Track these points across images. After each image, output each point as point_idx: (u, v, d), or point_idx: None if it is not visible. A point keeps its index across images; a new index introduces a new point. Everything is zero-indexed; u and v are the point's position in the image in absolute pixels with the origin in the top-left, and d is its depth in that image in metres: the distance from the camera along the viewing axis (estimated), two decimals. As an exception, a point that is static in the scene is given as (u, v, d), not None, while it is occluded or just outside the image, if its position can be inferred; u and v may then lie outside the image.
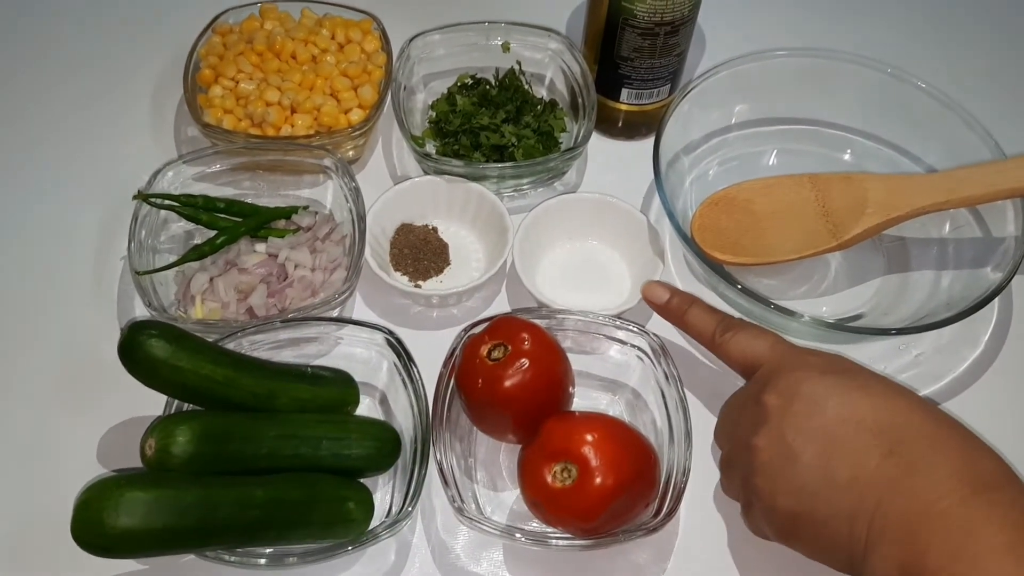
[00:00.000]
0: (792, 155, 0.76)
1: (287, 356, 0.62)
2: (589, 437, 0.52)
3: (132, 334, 0.53)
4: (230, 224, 0.68)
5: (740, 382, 0.64)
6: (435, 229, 0.72)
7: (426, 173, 0.73)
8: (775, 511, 0.48)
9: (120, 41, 0.85)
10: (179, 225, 0.70)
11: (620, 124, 0.78)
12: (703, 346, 0.59)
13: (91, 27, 0.86)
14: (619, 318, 0.62)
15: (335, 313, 0.65)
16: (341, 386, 0.60)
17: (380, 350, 0.61)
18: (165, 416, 0.54)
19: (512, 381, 0.54)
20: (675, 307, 0.60)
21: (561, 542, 0.54)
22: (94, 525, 0.47)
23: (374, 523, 0.56)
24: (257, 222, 0.68)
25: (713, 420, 0.58)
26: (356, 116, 0.73)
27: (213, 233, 0.67)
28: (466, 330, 0.60)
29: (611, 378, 0.63)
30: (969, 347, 0.69)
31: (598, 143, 0.78)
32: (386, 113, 0.74)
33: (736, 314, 0.68)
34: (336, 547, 0.53)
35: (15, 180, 0.75)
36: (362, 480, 0.57)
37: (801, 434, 0.47)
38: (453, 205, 0.72)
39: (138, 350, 0.52)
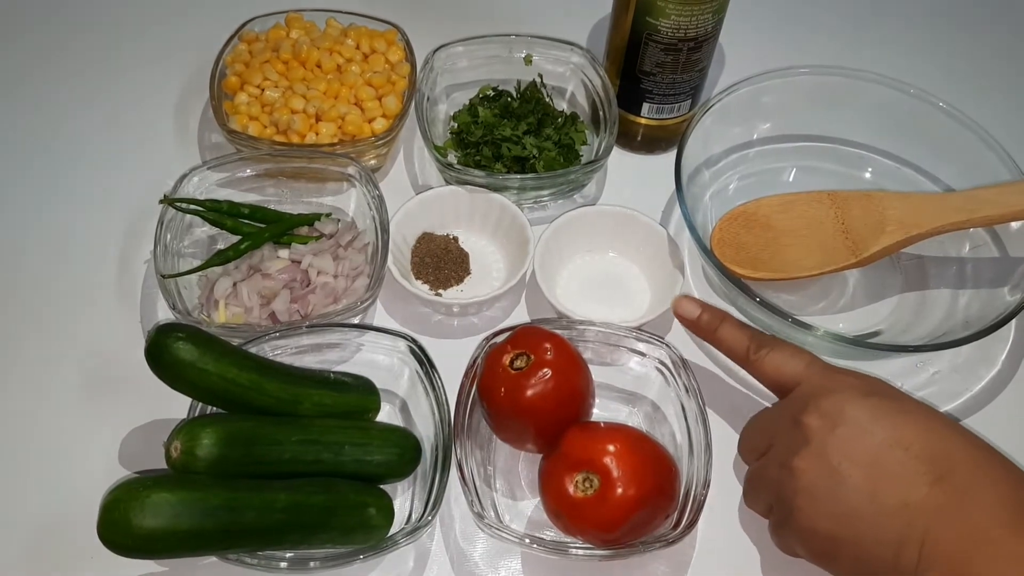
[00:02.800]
0: (811, 172, 0.76)
1: (309, 361, 0.62)
2: (611, 447, 0.53)
3: (159, 336, 0.53)
4: (254, 230, 0.68)
5: (759, 395, 0.65)
6: (456, 239, 0.72)
7: (448, 183, 0.73)
8: (816, 533, 0.48)
9: (146, 47, 0.86)
10: (203, 230, 0.70)
11: (640, 138, 0.79)
12: (735, 363, 0.59)
13: (117, 33, 0.87)
14: (639, 330, 0.62)
15: (357, 320, 0.66)
16: (363, 392, 0.61)
17: (402, 357, 0.62)
18: (191, 419, 0.54)
19: (534, 390, 0.55)
20: (706, 323, 0.60)
21: (580, 552, 0.54)
22: (121, 525, 0.47)
23: (393, 529, 0.56)
24: (280, 228, 0.69)
25: (732, 433, 0.59)
26: (380, 125, 0.74)
27: (237, 238, 0.68)
28: (488, 339, 0.60)
29: (630, 390, 0.64)
30: (986, 366, 0.69)
31: (618, 156, 0.79)
32: (408, 123, 0.75)
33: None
34: (356, 552, 0.54)
35: (40, 183, 0.76)
36: (382, 487, 0.58)
37: (847, 458, 0.47)
38: (474, 215, 0.72)
39: (165, 352, 0.53)
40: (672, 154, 0.68)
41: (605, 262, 0.72)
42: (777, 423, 0.52)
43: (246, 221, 0.69)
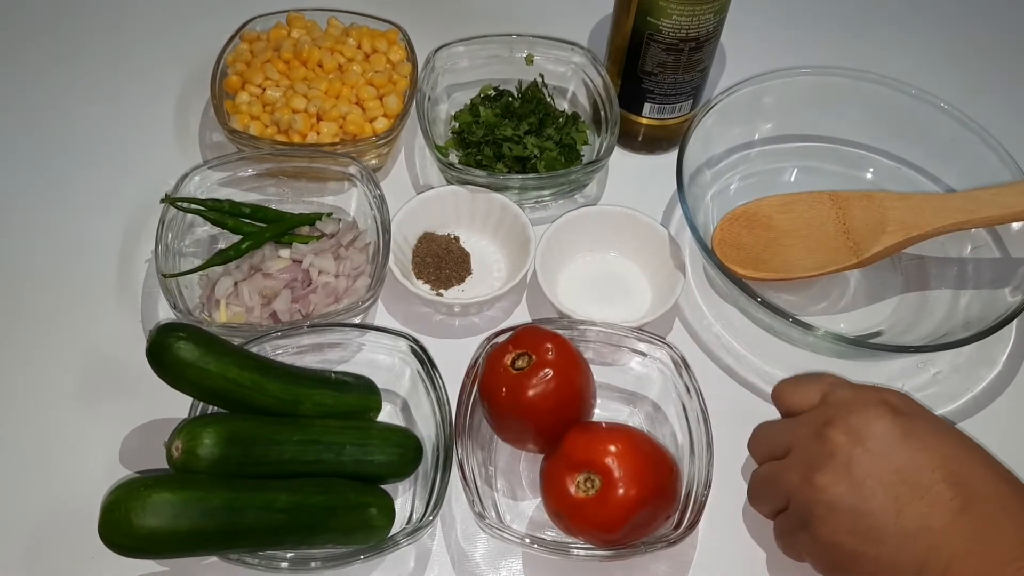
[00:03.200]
0: (812, 173, 0.76)
1: (309, 361, 0.62)
2: (612, 448, 0.53)
3: (161, 336, 0.53)
4: (255, 229, 0.68)
5: (759, 396, 0.66)
6: (457, 238, 0.72)
7: (449, 183, 0.73)
8: (836, 548, 0.48)
9: (147, 46, 0.86)
10: (204, 229, 0.70)
11: (641, 138, 0.79)
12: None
13: (119, 32, 0.87)
14: (640, 330, 0.62)
15: (358, 320, 0.66)
16: (364, 392, 0.61)
17: (403, 357, 0.62)
18: (192, 418, 0.54)
19: (536, 391, 0.55)
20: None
21: (582, 552, 0.54)
22: (122, 525, 0.47)
23: (394, 530, 0.56)
24: (281, 228, 0.68)
25: (733, 434, 0.59)
26: (381, 125, 0.74)
27: (238, 238, 0.68)
28: (489, 339, 0.60)
29: (631, 390, 0.64)
30: (987, 367, 0.69)
31: (619, 156, 0.78)
32: (409, 122, 0.75)
33: (756, 328, 0.69)
34: (357, 552, 0.54)
35: (41, 182, 0.76)
36: (383, 487, 0.58)
37: (872, 476, 0.47)
38: (475, 215, 0.72)
39: (166, 352, 0.53)
40: (673, 154, 0.68)
41: (606, 262, 0.72)
42: (798, 431, 0.51)
43: (247, 220, 0.69)
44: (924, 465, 0.47)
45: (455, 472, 0.56)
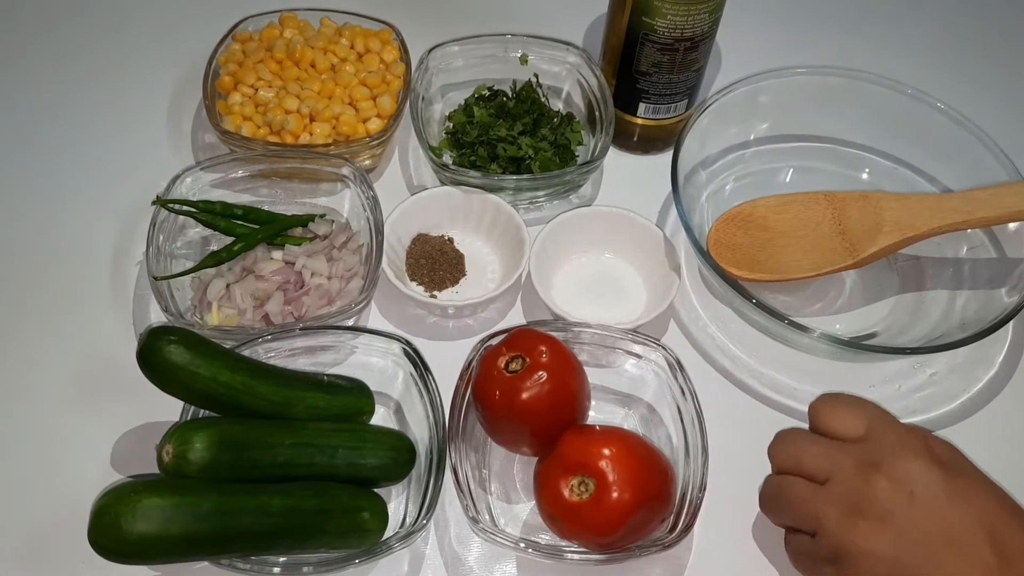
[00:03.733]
0: (808, 173, 0.76)
1: (302, 364, 0.62)
2: (607, 451, 0.52)
3: (151, 340, 0.53)
4: (247, 231, 0.68)
5: (756, 398, 0.65)
6: (451, 240, 0.72)
7: (443, 184, 0.73)
8: None
9: (139, 47, 0.86)
10: (196, 231, 0.70)
11: (636, 138, 0.78)
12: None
13: (110, 33, 0.87)
14: (635, 332, 0.62)
15: (351, 322, 0.65)
16: (356, 395, 0.60)
17: (396, 360, 0.62)
18: (183, 422, 0.54)
19: (530, 393, 0.54)
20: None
21: (576, 556, 0.54)
22: (112, 530, 0.47)
23: (388, 534, 0.56)
24: (274, 229, 0.68)
25: (729, 436, 0.59)
26: (374, 125, 0.73)
27: (230, 240, 0.67)
28: (483, 341, 0.60)
29: (626, 392, 0.63)
30: (983, 367, 0.68)
31: (613, 157, 0.78)
32: (403, 123, 0.75)
33: (752, 329, 0.68)
34: (351, 556, 0.53)
35: (33, 184, 0.75)
36: (376, 490, 0.57)
37: (914, 529, 0.46)
38: (470, 216, 0.72)
39: (157, 356, 0.52)
40: (669, 154, 0.68)
41: (601, 263, 0.72)
42: (841, 462, 0.50)
43: (239, 222, 0.68)
44: (967, 525, 0.46)
45: (448, 475, 0.55)
